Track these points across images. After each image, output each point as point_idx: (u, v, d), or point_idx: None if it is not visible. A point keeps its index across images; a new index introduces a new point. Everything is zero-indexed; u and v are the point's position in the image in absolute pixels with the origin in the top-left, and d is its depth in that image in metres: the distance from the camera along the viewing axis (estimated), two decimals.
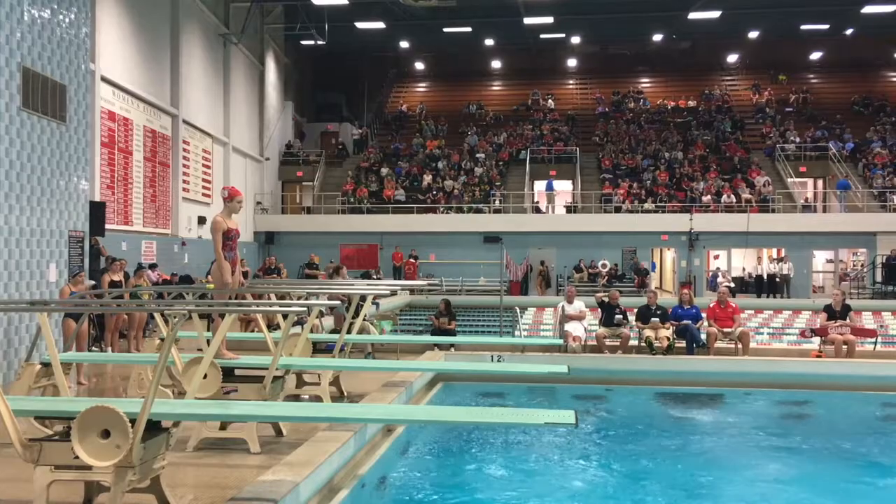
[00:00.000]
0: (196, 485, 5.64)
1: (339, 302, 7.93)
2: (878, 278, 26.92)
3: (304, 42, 33.51)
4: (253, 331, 12.53)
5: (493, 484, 6.99)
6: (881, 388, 10.78)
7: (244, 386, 6.67)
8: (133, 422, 4.45)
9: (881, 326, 17.46)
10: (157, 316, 7.85)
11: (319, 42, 31.37)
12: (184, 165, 23.86)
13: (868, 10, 30.90)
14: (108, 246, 16.10)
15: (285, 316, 7.57)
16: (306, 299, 7.94)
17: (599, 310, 13.72)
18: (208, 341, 6.55)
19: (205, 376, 6.09)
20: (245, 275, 17.27)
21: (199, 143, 25.31)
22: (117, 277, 12.17)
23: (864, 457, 8.10)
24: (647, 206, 29.89)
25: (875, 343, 13.89)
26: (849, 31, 35.26)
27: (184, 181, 23.89)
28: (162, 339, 7.39)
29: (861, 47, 37.09)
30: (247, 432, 6.24)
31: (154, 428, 4.77)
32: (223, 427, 6.52)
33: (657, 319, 13.23)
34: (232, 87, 27.86)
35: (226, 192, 7.77)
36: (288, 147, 34.80)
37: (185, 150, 23.97)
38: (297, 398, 8.35)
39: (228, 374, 6.79)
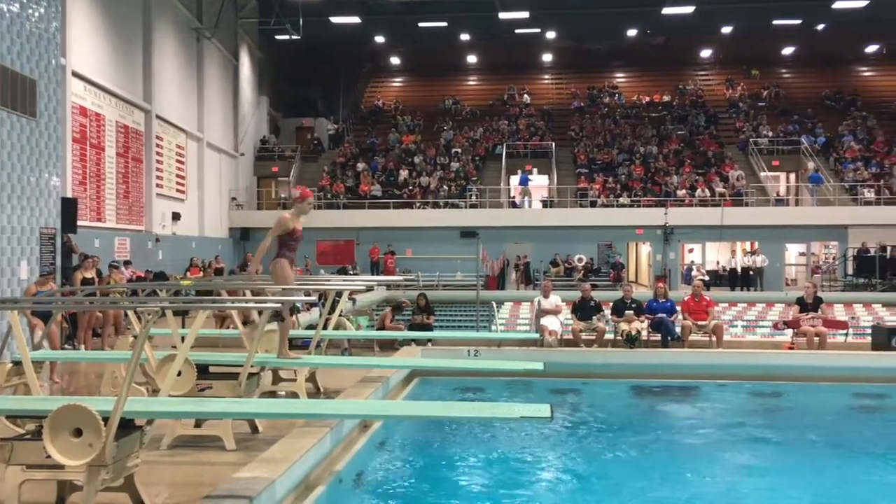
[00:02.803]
0: (171, 483, 5.60)
1: (314, 299, 7.90)
2: (850, 271, 27.28)
3: (278, 37, 33.28)
4: (228, 327, 12.45)
5: (470, 478, 7.00)
6: (852, 378, 10.92)
7: (219, 383, 6.64)
8: (106, 420, 4.41)
9: (852, 318, 17.70)
10: (130, 313, 7.78)
11: (294, 37, 31.18)
12: (157, 161, 23.63)
13: (839, 5, 31.27)
14: (81, 243, 15.92)
15: (260, 312, 7.53)
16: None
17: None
18: (183, 338, 6.50)
19: (179, 374, 6.04)
20: (219, 271, 17.24)
21: (172, 138, 25.08)
22: (90, 274, 12.05)
23: (836, 446, 8.21)
24: (622, 200, 30.07)
25: (846, 335, 14.10)
26: (820, 27, 35.67)
27: (157, 177, 23.66)
28: (136, 337, 7.32)
29: (832, 42, 37.52)
30: (222, 429, 6.20)
31: (127, 426, 4.72)
32: (198, 424, 6.46)
33: (632, 313, 13.33)
34: (205, 82, 27.62)
35: (297, 192, 7.75)
36: (263, 142, 34.59)
37: (158, 145, 23.74)
38: (273, 394, 8.32)
39: (203, 371, 6.75)
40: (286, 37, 32.22)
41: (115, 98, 21.16)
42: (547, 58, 41.51)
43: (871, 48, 39.65)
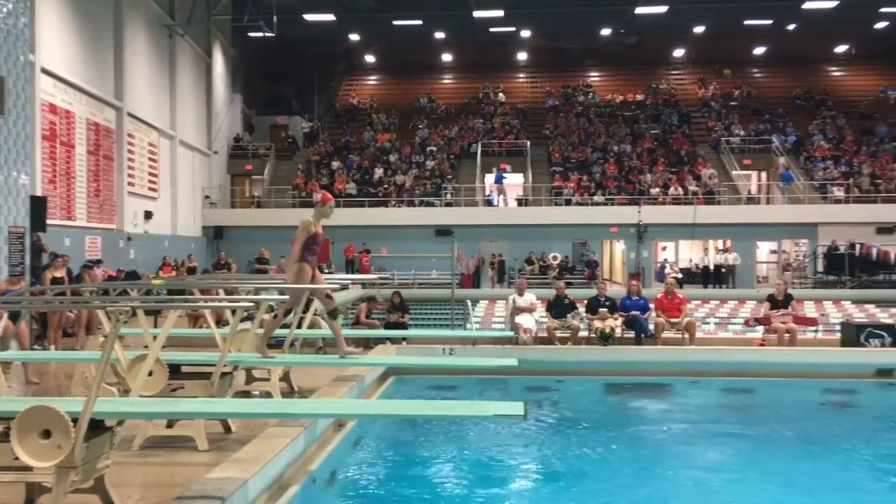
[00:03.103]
0: (142, 484, 5.55)
1: (285, 297, 7.86)
2: (820, 268, 27.64)
3: (252, 34, 33.05)
4: (202, 327, 12.35)
5: (445, 476, 7.01)
6: (822, 374, 11.08)
7: (191, 383, 6.58)
8: (75, 421, 4.36)
9: (822, 315, 17.91)
10: (100, 313, 7.69)
11: (268, 34, 30.97)
12: (129, 159, 23.38)
13: (809, 5, 31.68)
14: (51, 242, 15.69)
15: (234, 311, 7.48)
16: (255, 294, 7.86)
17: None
18: (154, 338, 6.44)
19: (150, 374, 5.99)
20: (192, 270, 17.09)
21: (144, 136, 24.82)
22: (59, 274, 11.89)
23: (806, 442, 8.31)
24: (596, 198, 30.23)
25: (816, 331, 14.29)
26: (791, 27, 36.08)
27: (129, 175, 23.41)
28: (106, 337, 7.24)
29: (803, 43, 37.98)
30: (194, 430, 6.16)
31: (97, 427, 4.67)
32: (170, 425, 6.41)
33: (606, 310, 13.42)
34: (178, 80, 27.37)
35: (318, 197, 7.78)
36: (237, 140, 34.34)
37: (129, 143, 23.48)
38: (246, 394, 8.27)
39: (175, 370, 6.69)
40: (260, 34, 32.00)
41: (86, 95, 20.90)
42: (522, 56, 41.61)
43: (841, 48, 40.21)
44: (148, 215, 24.52)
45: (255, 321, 8.01)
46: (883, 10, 32.90)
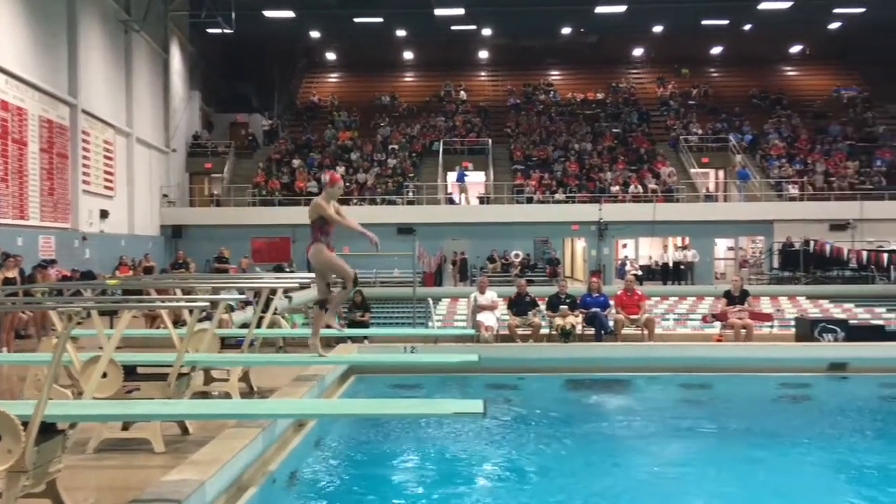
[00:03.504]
0: (97, 487, 5.46)
1: (244, 296, 7.79)
2: (775, 264, 28.13)
3: (210, 30, 32.61)
4: (159, 327, 12.17)
5: (406, 475, 7.00)
6: (777, 369, 11.28)
7: (147, 384, 6.47)
8: (26, 424, 4.26)
9: (778, 310, 18.28)
10: (52, 314, 7.54)
11: (226, 30, 30.60)
12: (84, 157, 22.94)
13: (764, 6, 32.18)
14: (3, 241, 15.37)
15: (191, 311, 7.38)
16: (212, 294, 7.76)
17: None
18: (108, 339, 6.32)
19: (104, 375, 5.88)
20: (149, 270, 16.84)
21: (99, 133, 24.37)
22: (11, 274, 11.65)
23: (763, 436, 8.44)
24: (557, 196, 30.41)
25: (772, 326, 14.55)
26: (747, 27, 36.63)
27: (84, 173, 22.97)
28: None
29: (758, 43, 38.57)
30: (150, 432, 6.06)
31: (49, 430, 4.57)
32: (125, 427, 6.30)
33: (566, 307, 13.51)
34: (134, 76, 26.92)
35: (326, 178, 7.74)
36: (195, 138, 33.89)
37: (84, 140, 23.04)
38: (205, 395, 8.16)
39: (131, 372, 6.58)
40: (218, 30, 31.60)
41: (39, 92, 20.46)
42: (483, 55, 41.68)
43: (796, 49, 40.96)
44: (104, 214, 24.09)
45: (214, 321, 7.91)
46: (836, 10, 33.55)
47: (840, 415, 9.68)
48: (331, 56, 42.03)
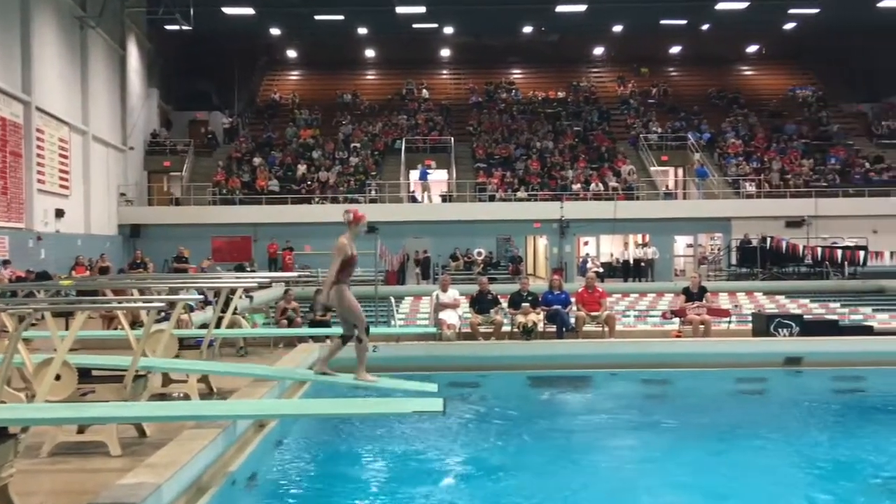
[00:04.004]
0: (51, 491, 5.37)
1: (201, 296, 7.69)
2: (733, 261, 28.56)
3: (168, 27, 32.16)
4: (116, 328, 11.98)
5: (368, 474, 6.99)
6: (734, 364, 11.46)
7: (103, 387, 6.37)
8: None
9: (735, 306, 18.55)
10: (3, 315, 7.38)
11: (185, 27, 30.20)
12: (38, 156, 22.48)
13: (721, 6, 32.69)
14: None
15: (148, 312, 7.28)
16: (168, 294, 7.66)
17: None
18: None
19: (58, 378, 5.77)
20: (104, 270, 16.59)
21: (55, 131, 23.90)
22: None
23: (721, 430, 8.58)
24: (519, 194, 30.55)
25: (729, 322, 14.77)
26: (704, 27, 37.13)
27: (39, 172, 22.51)
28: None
29: (716, 43, 39.13)
30: (106, 435, 5.97)
31: (1, 434, 4.48)
32: (81, 430, 6.20)
33: (528, 305, 13.57)
34: (90, 74, 26.44)
35: (350, 216, 7.37)
36: (154, 136, 33.39)
37: (39, 139, 22.59)
38: (163, 397, 8.05)
39: (85, 374, 6.47)
40: (176, 27, 31.16)
41: None
42: (445, 53, 41.69)
43: (752, 48, 41.64)
44: (59, 214, 23.63)
45: (171, 321, 7.81)
46: (791, 11, 34.16)
47: (796, 408, 9.88)
48: (292, 53, 41.72)
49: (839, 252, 24.85)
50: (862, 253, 24.88)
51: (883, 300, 20.97)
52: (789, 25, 36.63)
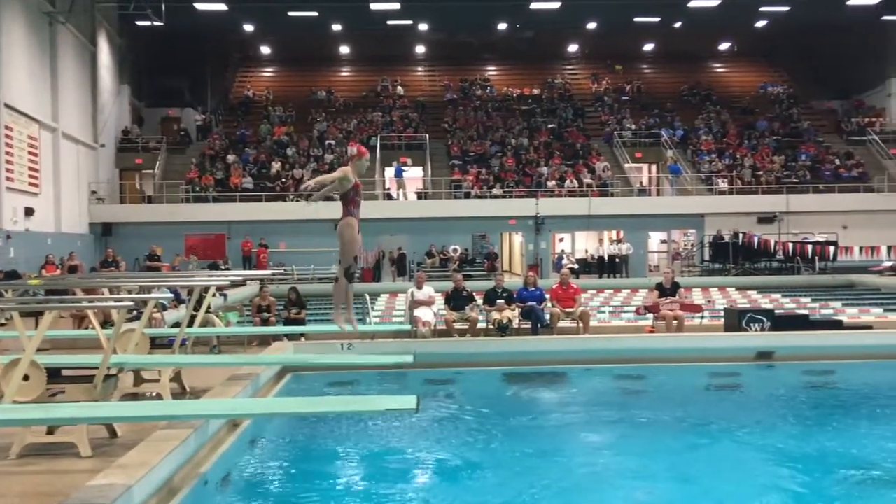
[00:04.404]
0: (20, 493, 5.30)
1: (172, 294, 7.62)
2: (706, 257, 28.83)
3: (139, 22, 31.77)
4: (87, 328, 11.84)
5: (342, 473, 6.97)
6: (707, 359, 11.57)
7: (72, 387, 6.29)
8: None
9: (709, 301, 18.73)
10: None
11: (156, 23, 29.86)
12: (7, 153, 22.11)
13: (694, 4, 32.88)
14: None
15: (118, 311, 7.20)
16: (140, 293, 7.59)
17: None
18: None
19: (26, 378, 5.69)
20: (73, 269, 16.37)
21: (23, 128, 23.53)
22: None
23: (694, 423, 8.66)
24: (495, 191, 30.60)
25: (702, 317, 14.91)
26: (677, 25, 37.39)
27: (7, 170, 22.14)
28: None
29: (689, 40, 39.42)
30: (76, 435, 5.89)
31: None
32: (51, 431, 6.13)
33: (503, 302, 13.61)
34: (60, 70, 26.07)
35: (354, 150, 7.43)
36: (125, 133, 33.01)
37: (7, 136, 22.23)
38: (135, 396, 7.98)
39: (55, 374, 6.38)
40: (148, 23, 30.80)
41: None
42: (420, 50, 41.61)
43: (724, 46, 42.01)
44: (29, 212, 23.28)
45: (142, 320, 7.73)
46: (762, 9, 34.48)
47: (768, 401, 10.00)
48: (265, 50, 41.42)
49: (810, 247, 25.17)
50: (832, 248, 25.22)
51: (853, 295, 21.31)
52: (761, 23, 36.96)
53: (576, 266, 26.65)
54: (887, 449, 7.57)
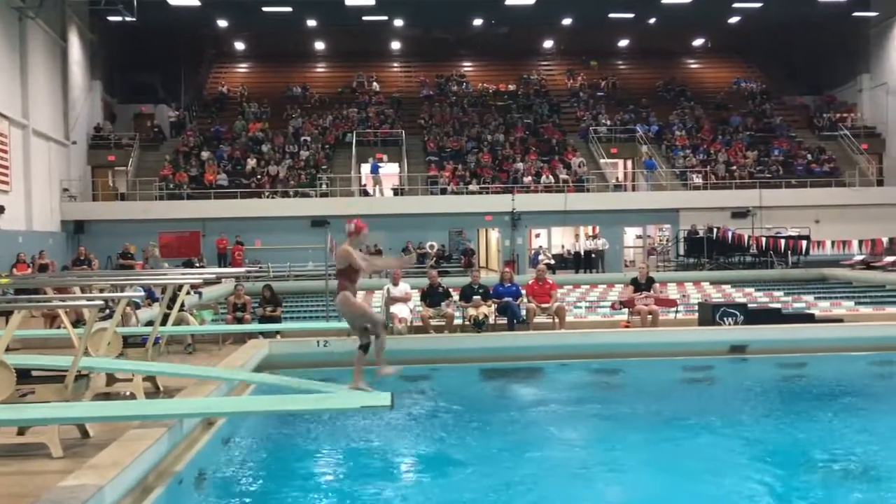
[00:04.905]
0: None
1: (141, 293, 7.55)
2: (681, 251, 29.05)
3: (111, 18, 31.39)
4: (59, 327, 11.70)
5: (317, 470, 6.95)
6: (682, 353, 11.67)
7: (43, 387, 6.22)
8: None
9: (683, 296, 18.87)
10: None
11: (128, 18, 29.50)
12: None
13: (668, 0, 33.08)
14: None
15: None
16: (112, 291, 7.51)
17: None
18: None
19: None
20: (44, 267, 16.17)
21: None
22: None
23: (669, 417, 8.74)
24: (471, 187, 30.62)
25: (676, 312, 15.01)
26: (652, 20, 37.60)
27: None
28: None
29: (663, 36, 39.69)
30: (47, 436, 5.83)
31: None
32: (21, 432, 6.06)
33: (479, 298, 13.62)
34: (30, 66, 25.71)
35: (352, 227, 7.28)
36: (97, 130, 32.63)
37: None
38: (108, 396, 7.90)
39: (25, 375, 6.30)
40: (119, 18, 30.43)
41: None
42: (395, 45, 41.51)
43: (698, 42, 42.33)
44: None
45: (114, 319, 7.65)
46: (736, 5, 34.75)
47: (741, 394, 10.10)
48: (240, 46, 41.12)
49: (783, 242, 25.45)
50: (804, 242, 25.52)
51: (825, 288, 21.59)
52: (734, 19, 37.26)
53: (552, 262, 26.72)
54: (857, 440, 7.69)
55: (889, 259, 24.19)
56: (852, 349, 11.83)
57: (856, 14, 33.98)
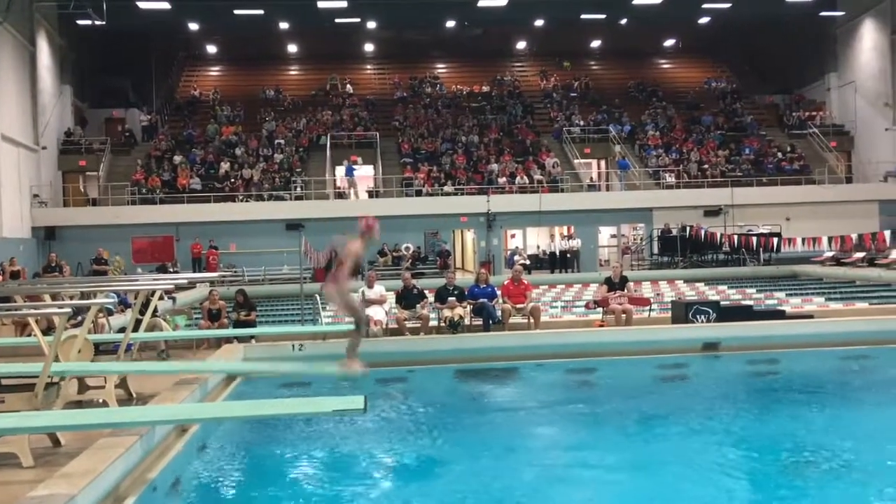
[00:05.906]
0: None
1: (113, 299, 7.49)
2: (655, 250, 29.27)
3: (80, 22, 31.05)
4: (29, 335, 11.55)
5: (294, 474, 6.92)
6: (655, 351, 11.76)
7: (13, 395, 6.16)
8: None
9: (658, 294, 19.02)
10: None
11: (98, 22, 29.20)
12: None
13: (639, 1, 33.32)
14: None
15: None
16: (81, 298, 7.44)
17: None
18: None
19: None
20: (16, 274, 15.96)
21: None
22: None
23: (644, 414, 8.82)
24: (446, 189, 30.64)
25: (650, 310, 15.13)
26: (623, 21, 37.87)
27: None
28: None
29: (634, 36, 40.01)
30: (17, 445, 5.77)
31: None
32: None
33: (454, 299, 13.65)
34: None
35: (362, 224, 7.39)
36: (68, 135, 32.24)
37: None
38: (80, 404, 7.82)
39: None
40: (89, 22, 30.11)
41: None
42: (368, 48, 41.44)
43: (669, 42, 42.71)
44: None
45: (84, 326, 7.58)
46: (706, 6, 35.07)
47: (715, 391, 10.22)
48: (211, 49, 40.86)
49: (754, 239, 25.70)
50: (776, 240, 25.78)
51: (796, 285, 21.87)
52: (704, 20, 37.61)
53: (528, 262, 26.82)
54: (828, 433, 7.81)
55: (858, 255, 24.49)
56: (822, 345, 11.99)
57: (823, 14, 34.46)
